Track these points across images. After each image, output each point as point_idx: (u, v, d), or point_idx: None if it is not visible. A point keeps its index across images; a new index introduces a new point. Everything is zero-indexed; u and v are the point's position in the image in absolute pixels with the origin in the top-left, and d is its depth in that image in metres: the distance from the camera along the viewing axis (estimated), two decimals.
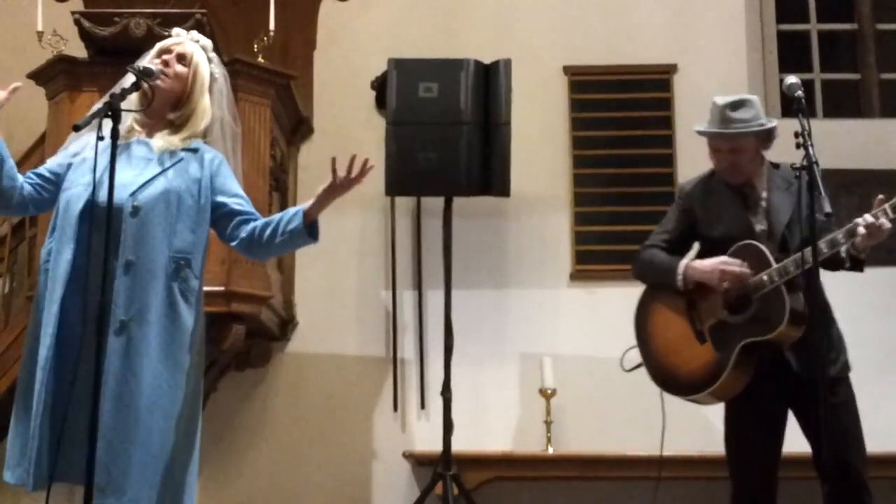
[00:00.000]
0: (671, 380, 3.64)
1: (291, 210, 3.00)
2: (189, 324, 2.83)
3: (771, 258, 3.38)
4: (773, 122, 3.58)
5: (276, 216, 2.98)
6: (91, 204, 2.75)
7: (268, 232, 2.93)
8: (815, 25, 5.79)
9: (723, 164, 3.57)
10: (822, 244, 3.25)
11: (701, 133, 3.62)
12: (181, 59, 2.97)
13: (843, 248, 3.30)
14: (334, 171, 2.93)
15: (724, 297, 3.48)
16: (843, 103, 5.74)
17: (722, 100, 3.58)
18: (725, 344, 3.45)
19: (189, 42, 3.03)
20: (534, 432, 5.06)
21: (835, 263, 3.38)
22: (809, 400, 3.30)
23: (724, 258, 3.47)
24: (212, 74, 3.04)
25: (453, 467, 4.38)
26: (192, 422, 2.85)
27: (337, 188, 2.98)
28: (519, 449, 5.09)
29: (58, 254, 2.78)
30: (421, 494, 4.48)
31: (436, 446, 4.50)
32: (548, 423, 4.97)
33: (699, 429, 4.95)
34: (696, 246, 3.74)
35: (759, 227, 3.50)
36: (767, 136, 3.57)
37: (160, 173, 2.86)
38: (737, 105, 3.54)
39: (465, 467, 4.64)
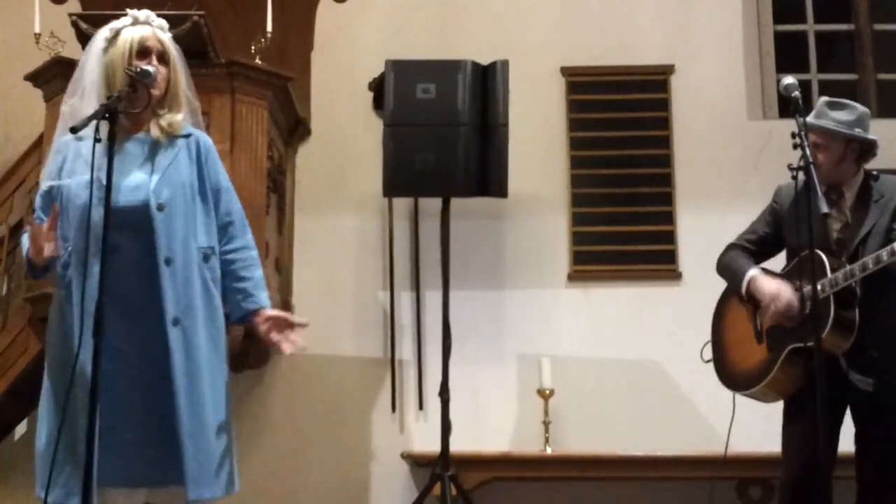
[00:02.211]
0: (729, 374, 3.80)
1: (245, 304, 2.95)
2: (220, 309, 2.93)
3: (829, 269, 3.42)
4: (870, 136, 3.59)
5: (242, 279, 2.96)
6: (119, 210, 2.76)
7: (226, 281, 2.95)
8: (812, 26, 5.79)
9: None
10: (870, 259, 3.35)
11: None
12: (161, 58, 2.93)
13: None
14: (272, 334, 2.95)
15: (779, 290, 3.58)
16: None
17: (828, 98, 3.61)
18: (777, 346, 3.56)
19: (156, 31, 2.96)
20: (532, 433, 5.06)
21: None
22: (870, 412, 3.47)
23: (781, 293, 3.53)
24: None
25: (451, 468, 4.38)
26: (230, 398, 2.96)
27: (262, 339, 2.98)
28: (517, 449, 5.09)
29: (81, 264, 2.75)
30: (419, 495, 4.47)
31: (434, 447, 4.49)
32: (546, 424, 4.97)
33: (696, 428, 4.98)
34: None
35: (837, 236, 3.55)
36: (861, 149, 3.58)
37: (170, 166, 2.89)
38: (838, 106, 3.58)
39: (464, 468, 4.63)
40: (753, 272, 3.67)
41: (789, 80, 3.23)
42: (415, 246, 5.37)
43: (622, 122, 5.46)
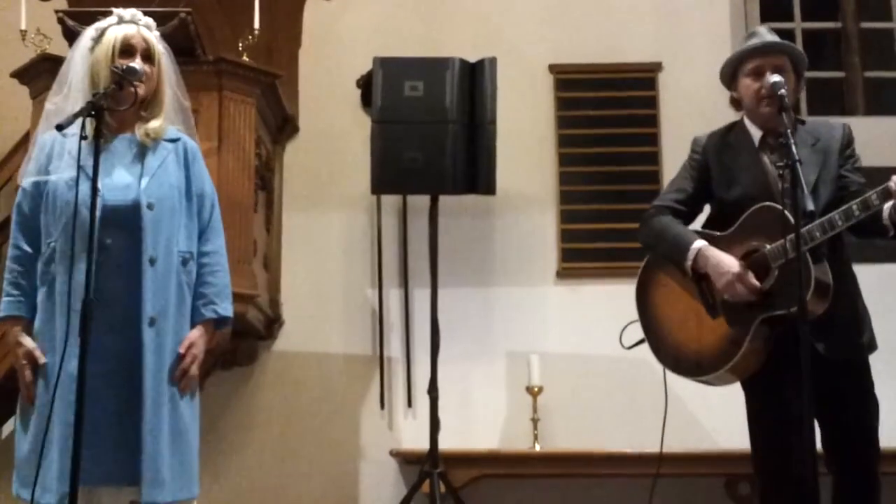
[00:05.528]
0: (679, 358, 3.34)
1: (204, 311, 2.96)
2: (189, 314, 2.94)
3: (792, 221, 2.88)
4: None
5: (206, 284, 2.97)
6: (108, 208, 2.77)
7: (198, 290, 2.96)
8: (799, 24, 5.81)
9: (764, 93, 3.17)
10: (855, 205, 2.99)
11: (741, 54, 3.27)
12: (147, 57, 2.93)
13: (885, 215, 2.97)
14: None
15: (740, 265, 3.16)
16: (828, 101, 5.75)
17: (758, 28, 3.43)
18: (741, 318, 3.15)
19: (141, 29, 2.96)
20: (520, 430, 5.07)
21: (874, 231, 3.07)
22: (833, 383, 3.09)
23: (740, 270, 3.13)
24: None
25: (440, 465, 4.39)
26: (196, 402, 2.96)
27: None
28: (506, 447, 5.10)
29: (67, 261, 2.73)
30: (408, 493, 4.47)
31: (423, 444, 4.50)
32: (534, 421, 4.97)
33: (685, 425, 4.98)
34: (706, 209, 3.44)
35: (783, 184, 3.01)
36: (800, 72, 3.31)
37: (159, 168, 2.91)
38: (770, 31, 3.36)
39: (452, 465, 4.64)
40: (699, 244, 3.23)
41: (776, 77, 3.10)
42: (403, 243, 5.37)
43: (610, 120, 5.47)
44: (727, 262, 3.17)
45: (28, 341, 2.84)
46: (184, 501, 2.84)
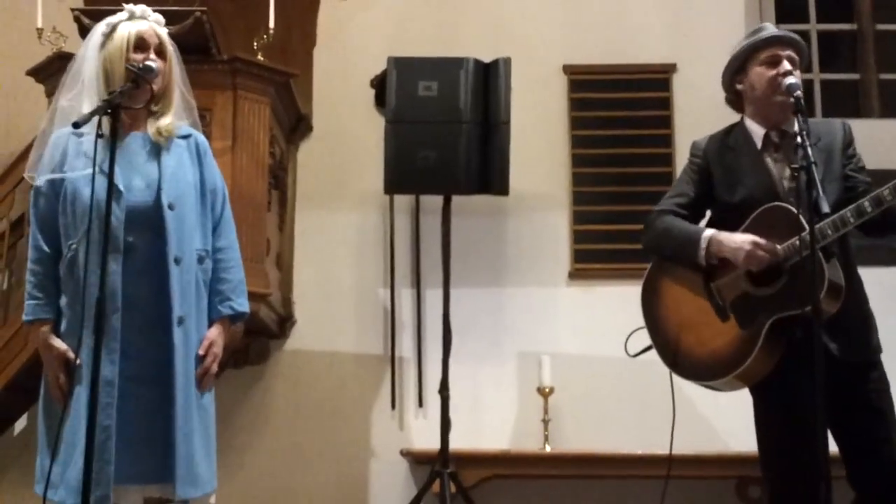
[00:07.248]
0: (687, 363, 3.23)
1: (221, 308, 2.99)
2: (206, 311, 2.95)
3: (804, 221, 2.82)
4: None
5: (221, 280, 2.99)
6: (131, 209, 2.80)
7: (214, 286, 2.98)
8: (814, 25, 5.79)
9: (780, 81, 3.12)
10: (867, 202, 2.95)
11: (755, 42, 3.24)
12: (159, 52, 2.93)
13: None
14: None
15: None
16: (843, 103, 5.74)
17: (765, 24, 3.40)
18: (752, 320, 3.07)
19: (153, 25, 2.97)
20: (532, 431, 5.07)
21: (891, 228, 3.08)
22: (847, 387, 3.00)
23: (754, 237, 3.06)
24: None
25: (451, 465, 4.38)
26: (213, 395, 2.99)
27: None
28: (516, 447, 5.10)
29: (91, 264, 2.72)
30: (418, 492, 4.47)
31: (433, 444, 4.50)
32: (545, 422, 4.97)
33: (695, 427, 4.98)
34: (707, 214, 3.38)
35: (788, 184, 3.09)
36: (802, 68, 3.26)
37: (176, 166, 2.91)
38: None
39: (463, 465, 4.65)
40: (710, 231, 3.16)
41: (791, 79, 3.08)
42: (416, 243, 5.37)
43: (624, 121, 5.47)
44: (740, 237, 3.10)
45: (59, 343, 2.83)
46: (205, 495, 2.89)
